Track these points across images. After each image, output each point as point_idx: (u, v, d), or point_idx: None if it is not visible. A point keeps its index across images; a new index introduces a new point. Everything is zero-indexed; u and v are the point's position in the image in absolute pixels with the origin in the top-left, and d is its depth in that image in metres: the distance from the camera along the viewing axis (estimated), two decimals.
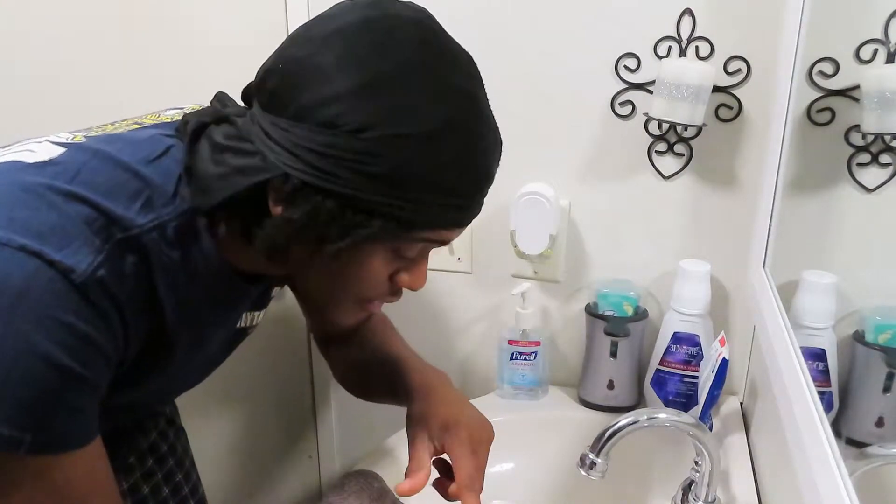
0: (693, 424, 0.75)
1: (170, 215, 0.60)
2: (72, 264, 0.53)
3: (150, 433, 0.90)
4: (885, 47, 0.68)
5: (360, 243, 0.59)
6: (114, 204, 0.57)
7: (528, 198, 0.99)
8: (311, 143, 0.56)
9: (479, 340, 1.16)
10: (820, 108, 0.83)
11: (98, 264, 0.55)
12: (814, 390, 0.59)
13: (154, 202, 0.60)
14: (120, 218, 0.57)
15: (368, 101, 0.55)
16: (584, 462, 0.74)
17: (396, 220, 0.58)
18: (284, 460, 1.34)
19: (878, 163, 0.71)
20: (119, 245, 0.57)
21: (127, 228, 0.57)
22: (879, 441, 0.59)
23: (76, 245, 0.54)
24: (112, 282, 0.56)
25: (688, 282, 0.96)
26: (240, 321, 0.77)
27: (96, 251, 0.55)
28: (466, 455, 0.71)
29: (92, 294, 0.54)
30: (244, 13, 1.08)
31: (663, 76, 0.90)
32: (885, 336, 0.64)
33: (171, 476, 0.92)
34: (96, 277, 0.54)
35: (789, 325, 0.70)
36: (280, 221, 0.58)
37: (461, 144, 0.58)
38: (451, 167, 0.58)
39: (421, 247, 0.64)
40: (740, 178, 0.97)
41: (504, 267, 1.10)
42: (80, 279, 0.54)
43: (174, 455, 0.93)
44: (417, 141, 0.56)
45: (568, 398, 1.09)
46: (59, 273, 0.53)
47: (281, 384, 1.29)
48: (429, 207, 0.59)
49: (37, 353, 0.52)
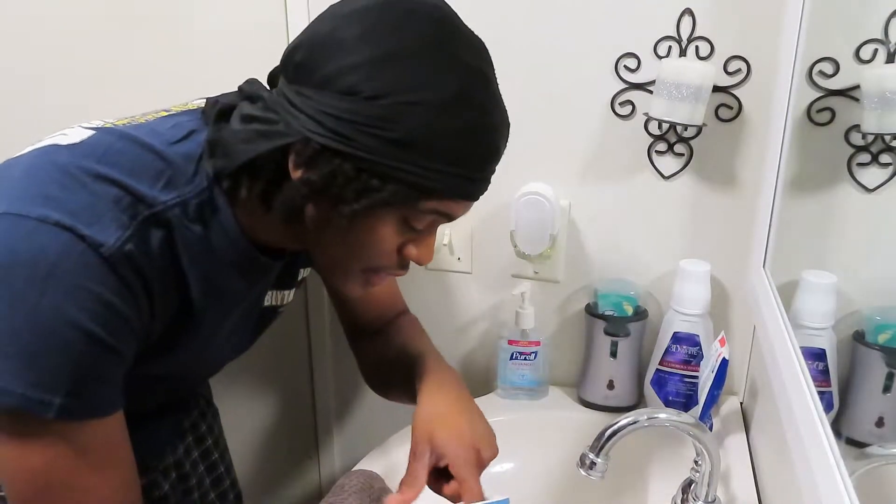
0: (693, 424, 0.75)
1: (191, 193, 0.64)
2: (101, 239, 0.58)
3: (192, 412, 0.95)
4: (885, 47, 0.68)
5: (373, 207, 0.62)
6: (139, 183, 0.61)
7: (528, 198, 0.99)
8: (332, 108, 0.60)
9: (479, 340, 1.16)
10: (820, 108, 0.83)
11: (125, 239, 0.59)
12: (814, 390, 0.59)
13: (176, 181, 0.64)
14: (145, 196, 0.61)
15: (386, 71, 0.59)
16: (584, 462, 0.74)
17: (408, 186, 0.62)
18: (284, 460, 1.34)
19: (878, 163, 0.71)
20: (146, 221, 0.61)
21: (152, 205, 0.61)
22: (879, 441, 0.59)
23: (105, 221, 0.58)
24: (139, 256, 0.60)
25: (688, 282, 0.96)
26: (267, 299, 0.81)
27: (123, 227, 0.59)
28: (474, 476, 0.71)
29: (119, 267, 0.58)
30: (244, 13, 1.08)
31: (663, 76, 0.90)
32: (885, 336, 0.64)
33: (208, 454, 0.98)
34: (124, 252, 0.59)
35: (789, 325, 0.70)
36: (299, 183, 0.62)
37: (470, 117, 0.62)
38: (459, 137, 0.62)
39: (430, 219, 0.67)
40: (740, 178, 0.97)
41: (504, 267, 1.10)
42: (108, 252, 0.58)
43: (212, 434, 0.99)
44: (429, 109, 0.60)
45: (568, 398, 1.09)
46: (89, 247, 0.57)
47: (281, 384, 1.29)
48: (439, 175, 0.62)
49: (68, 320, 0.56)
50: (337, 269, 0.71)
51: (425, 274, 1.15)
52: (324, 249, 0.70)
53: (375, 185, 0.61)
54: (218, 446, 1.01)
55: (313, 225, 0.66)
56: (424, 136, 0.60)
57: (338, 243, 0.67)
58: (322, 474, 1.34)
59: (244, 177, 0.64)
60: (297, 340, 1.24)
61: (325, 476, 1.33)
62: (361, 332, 0.96)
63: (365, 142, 0.60)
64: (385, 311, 0.95)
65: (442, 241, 1.11)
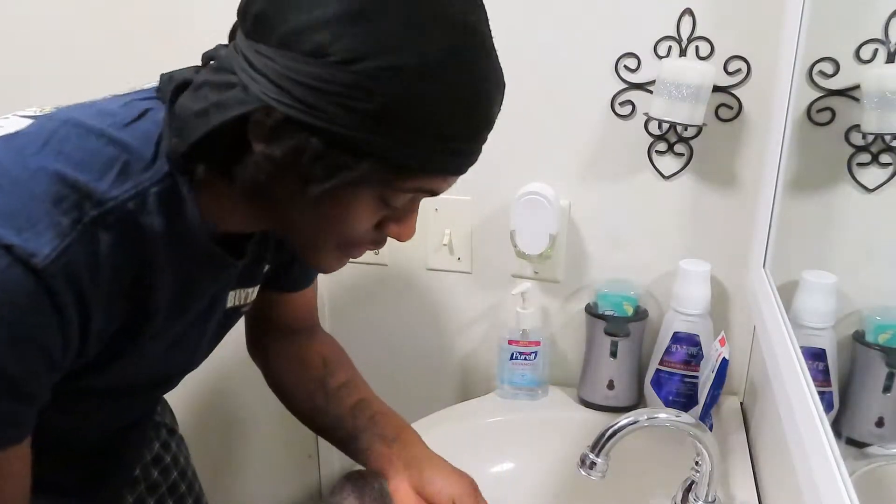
0: (693, 424, 0.74)
1: (150, 181, 0.56)
2: (33, 248, 0.50)
3: (153, 444, 0.88)
4: (885, 47, 0.68)
5: (345, 186, 0.54)
6: (87, 176, 0.53)
7: (528, 198, 0.99)
8: (297, 73, 0.51)
9: (479, 340, 1.16)
10: (820, 108, 0.83)
11: (63, 249, 0.51)
12: (814, 390, 0.59)
13: (131, 169, 0.55)
14: (93, 192, 0.53)
15: (361, 28, 0.50)
16: (584, 462, 0.74)
17: (386, 164, 0.54)
18: (284, 460, 1.34)
19: (878, 163, 0.71)
20: (93, 224, 0.53)
21: (101, 203, 0.53)
22: (879, 441, 0.59)
23: (40, 228, 0.50)
24: (79, 268, 0.52)
25: (688, 282, 0.96)
26: (230, 299, 0.73)
27: (62, 235, 0.51)
28: None
29: (53, 282, 0.50)
30: None
31: (663, 76, 0.90)
32: (885, 336, 0.64)
33: (176, 488, 0.91)
34: (60, 264, 0.51)
35: (789, 325, 0.70)
36: (261, 158, 0.53)
37: (461, 81, 0.53)
38: (448, 106, 0.53)
39: (411, 196, 0.60)
40: (740, 178, 0.97)
41: (504, 267, 1.10)
42: (41, 264, 0.50)
43: (177, 466, 0.92)
44: (413, 75, 0.51)
45: (568, 398, 1.09)
46: (15, 260, 0.49)
47: None
48: (422, 151, 0.54)
49: None
50: (310, 247, 0.64)
51: (425, 274, 1.15)
52: (294, 229, 0.62)
53: (347, 162, 0.53)
54: (185, 477, 0.93)
55: (280, 204, 0.58)
56: (405, 106, 0.51)
57: (308, 220, 0.59)
58: (322, 474, 1.33)
59: (201, 155, 0.56)
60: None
61: (325, 476, 1.33)
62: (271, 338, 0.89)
63: (335, 113, 0.51)
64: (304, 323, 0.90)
65: (442, 241, 1.11)
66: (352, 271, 1.15)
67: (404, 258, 1.15)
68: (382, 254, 1.15)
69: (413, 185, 0.57)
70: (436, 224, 1.11)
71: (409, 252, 1.14)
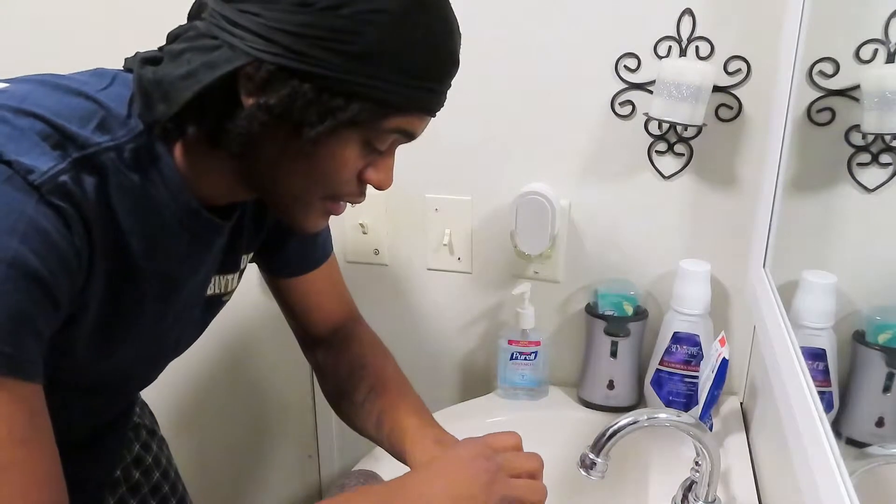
0: (693, 424, 0.74)
1: (126, 137, 0.57)
2: (30, 165, 0.50)
3: (133, 445, 0.88)
4: (885, 47, 0.68)
5: (338, 128, 0.57)
6: (67, 123, 0.54)
7: (528, 198, 0.99)
8: (285, 24, 0.54)
9: (479, 340, 1.16)
10: (820, 108, 0.83)
11: (59, 171, 0.52)
12: (814, 390, 0.59)
13: (109, 124, 0.57)
14: (76, 136, 0.54)
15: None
16: (584, 462, 0.74)
17: (375, 103, 0.57)
18: (284, 460, 1.34)
19: (878, 163, 0.71)
20: (78, 163, 0.53)
21: (84, 147, 0.54)
22: (879, 441, 0.59)
23: (35, 153, 0.51)
24: (75, 191, 0.52)
25: (688, 282, 0.96)
26: (211, 287, 0.74)
27: (56, 160, 0.52)
28: None
29: (53, 196, 0.51)
30: None
31: (663, 76, 0.90)
32: (885, 336, 0.64)
33: (158, 489, 0.90)
34: (58, 182, 0.51)
35: (789, 325, 0.70)
36: (254, 110, 0.56)
37: (431, 23, 0.58)
38: (422, 46, 0.58)
39: (392, 139, 0.63)
40: (740, 178, 0.97)
41: (504, 267, 1.10)
42: (39, 180, 0.50)
43: (159, 467, 0.91)
44: (392, 17, 0.55)
45: (568, 398, 1.09)
46: (16, 172, 0.50)
47: (281, 384, 1.28)
48: (405, 89, 0.58)
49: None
50: (296, 203, 0.65)
51: (425, 274, 1.15)
52: (281, 185, 0.63)
53: (339, 104, 0.56)
54: (168, 478, 0.92)
55: (270, 156, 0.60)
56: (388, 47, 0.56)
57: (296, 173, 0.62)
58: (322, 474, 1.33)
59: (190, 117, 0.57)
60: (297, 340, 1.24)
61: (325, 476, 1.33)
62: (315, 343, 0.89)
63: (324, 58, 0.55)
64: (337, 319, 0.89)
65: (442, 241, 1.11)
66: (352, 271, 1.15)
67: (404, 258, 1.15)
68: (382, 254, 1.16)
69: (395, 124, 0.60)
70: (436, 224, 1.11)
71: (409, 252, 1.14)
